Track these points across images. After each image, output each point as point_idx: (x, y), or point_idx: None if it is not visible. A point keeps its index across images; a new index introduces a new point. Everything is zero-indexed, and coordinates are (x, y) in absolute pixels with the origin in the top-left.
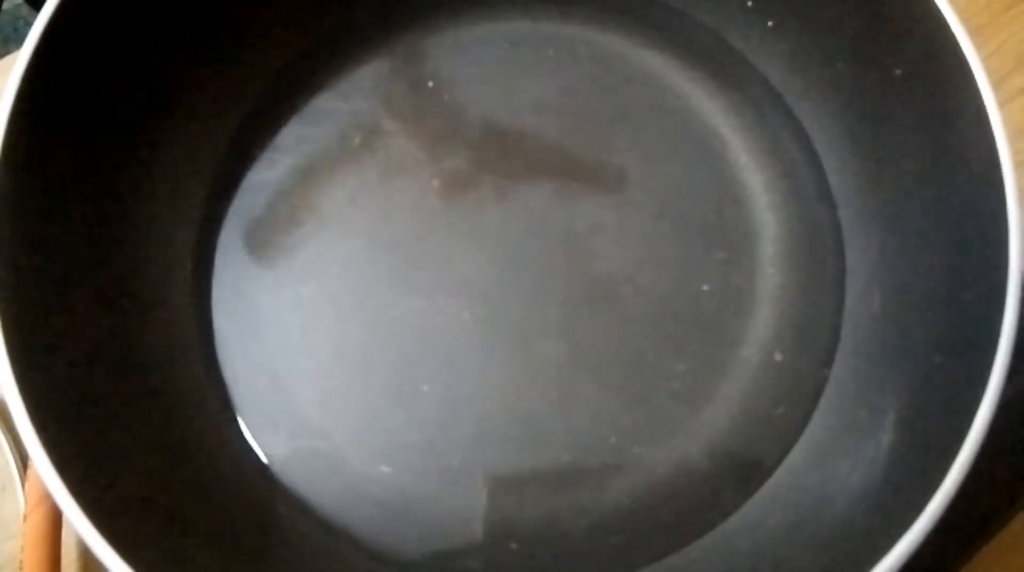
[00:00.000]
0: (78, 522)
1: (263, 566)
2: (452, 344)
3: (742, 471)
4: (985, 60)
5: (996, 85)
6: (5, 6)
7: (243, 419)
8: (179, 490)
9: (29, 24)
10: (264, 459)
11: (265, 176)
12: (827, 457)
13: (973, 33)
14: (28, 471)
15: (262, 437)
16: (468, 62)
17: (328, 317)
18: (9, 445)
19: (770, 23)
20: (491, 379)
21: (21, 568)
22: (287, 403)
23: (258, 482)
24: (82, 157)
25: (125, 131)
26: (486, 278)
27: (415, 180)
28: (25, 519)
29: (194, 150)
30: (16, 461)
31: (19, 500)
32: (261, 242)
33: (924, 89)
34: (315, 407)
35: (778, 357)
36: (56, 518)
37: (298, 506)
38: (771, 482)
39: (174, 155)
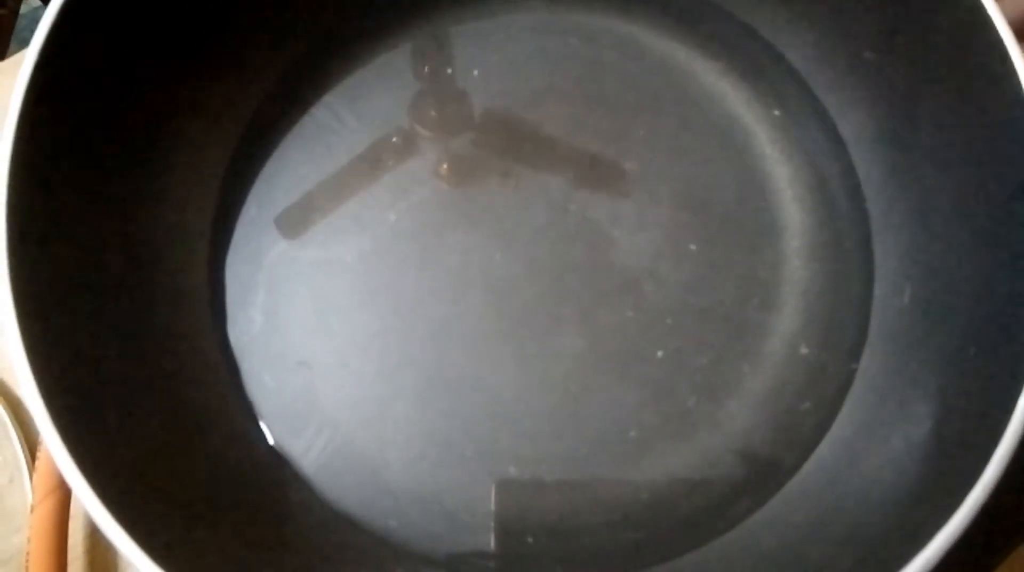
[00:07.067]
0: (93, 508)
1: (275, 555)
2: (468, 335)
3: (766, 467)
4: None
5: None
6: (23, 8)
7: (256, 406)
8: (192, 477)
9: None
10: (276, 447)
11: (281, 167)
12: (855, 453)
13: None
14: (36, 463)
15: (275, 425)
16: (489, 50)
17: (344, 306)
18: (17, 437)
19: (796, 9)
20: (508, 370)
21: (28, 561)
22: (301, 391)
23: (271, 470)
24: (92, 153)
25: (137, 127)
26: (503, 268)
27: (430, 168)
28: (32, 511)
29: (210, 139)
30: (24, 453)
31: (27, 492)
32: (276, 230)
33: (957, 78)
34: (329, 395)
35: (804, 351)
36: (64, 511)
37: (310, 495)
38: (797, 478)
39: (189, 146)
